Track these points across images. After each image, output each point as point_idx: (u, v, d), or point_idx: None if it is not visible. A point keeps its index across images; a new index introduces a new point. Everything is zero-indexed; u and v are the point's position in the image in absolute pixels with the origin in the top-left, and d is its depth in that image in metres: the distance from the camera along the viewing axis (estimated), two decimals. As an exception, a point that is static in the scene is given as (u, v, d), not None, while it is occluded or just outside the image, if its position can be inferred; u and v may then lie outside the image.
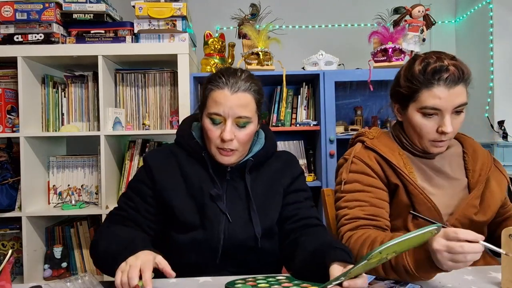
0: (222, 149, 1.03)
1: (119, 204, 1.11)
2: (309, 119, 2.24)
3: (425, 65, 1.03)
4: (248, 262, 1.07)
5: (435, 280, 0.90)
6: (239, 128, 1.03)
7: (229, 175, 1.09)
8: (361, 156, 1.13)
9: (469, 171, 1.14)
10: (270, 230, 1.09)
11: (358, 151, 1.15)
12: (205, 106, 1.05)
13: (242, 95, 1.02)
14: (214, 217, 1.04)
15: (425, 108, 1.03)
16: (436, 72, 1.01)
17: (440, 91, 1.01)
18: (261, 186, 1.10)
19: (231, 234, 1.04)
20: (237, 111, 1.01)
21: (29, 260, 1.96)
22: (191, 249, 1.04)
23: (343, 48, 2.52)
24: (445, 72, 1.01)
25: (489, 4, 2.27)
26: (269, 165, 1.14)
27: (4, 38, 1.95)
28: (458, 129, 1.08)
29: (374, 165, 1.11)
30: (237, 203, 1.08)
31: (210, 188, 1.06)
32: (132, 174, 2.12)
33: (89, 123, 2.13)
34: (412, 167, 1.11)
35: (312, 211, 1.12)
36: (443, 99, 1.01)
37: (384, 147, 1.13)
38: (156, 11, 1.96)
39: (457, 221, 1.09)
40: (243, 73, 1.05)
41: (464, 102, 1.03)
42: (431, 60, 1.03)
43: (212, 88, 1.03)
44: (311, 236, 1.02)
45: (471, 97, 1.10)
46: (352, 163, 1.13)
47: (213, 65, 2.17)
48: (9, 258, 0.75)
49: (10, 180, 1.97)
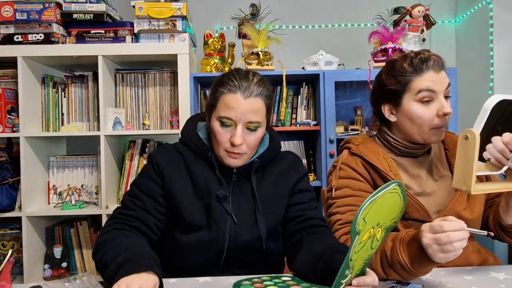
0: (230, 152, 1.02)
1: (125, 203, 1.06)
2: (309, 119, 2.24)
3: (410, 59, 1.09)
4: (252, 263, 1.07)
5: (435, 280, 0.90)
6: (249, 132, 1.02)
7: (235, 176, 1.08)
8: (349, 162, 1.16)
9: (452, 166, 1.15)
10: (274, 231, 1.09)
11: (345, 158, 1.18)
12: (214, 108, 1.03)
13: (254, 100, 1.00)
14: (220, 218, 1.03)
15: (420, 91, 1.07)
16: (423, 60, 1.08)
17: (430, 75, 1.07)
18: (267, 187, 1.10)
19: (236, 235, 1.04)
20: (248, 116, 1.00)
21: (29, 260, 1.96)
22: (195, 250, 1.04)
23: (343, 48, 2.52)
24: (430, 59, 1.08)
25: (489, 4, 2.27)
26: (274, 166, 1.13)
27: (4, 38, 1.95)
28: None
29: (361, 170, 1.14)
30: (243, 204, 1.07)
31: (216, 189, 1.05)
32: (132, 174, 2.12)
33: (89, 123, 2.13)
34: (398, 170, 1.13)
35: (317, 212, 1.12)
36: (435, 81, 1.07)
37: (369, 152, 1.15)
38: (156, 11, 1.96)
39: None
40: (254, 77, 1.04)
41: (449, 83, 1.09)
42: (412, 55, 1.10)
43: (224, 91, 1.01)
44: (316, 237, 1.01)
45: (471, 97, 1.11)
46: (340, 169, 1.16)
47: (213, 65, 2.17)
48: (9, 258, 0.75)
49: (10, 180, 1.97)
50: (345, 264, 0.73)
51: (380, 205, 0.74)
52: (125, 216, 1.03)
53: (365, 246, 0.75)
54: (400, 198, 0.78)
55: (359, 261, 0.75)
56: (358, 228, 0.70)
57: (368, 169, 1.14)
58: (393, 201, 0.77)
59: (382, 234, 0.80)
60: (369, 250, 0.77)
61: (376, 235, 0.77)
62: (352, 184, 1.12)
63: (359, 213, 0.70)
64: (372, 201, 0.71)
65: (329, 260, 0.84)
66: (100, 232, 1.01)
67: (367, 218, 0.72)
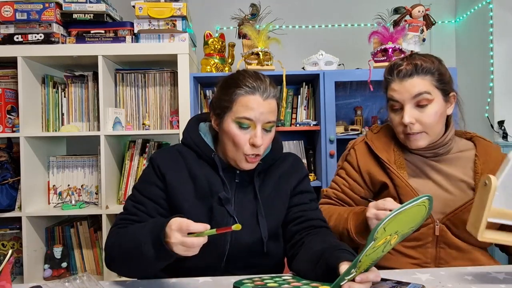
0: (250, 155, 1.01)
1: (127, 208, 1.05)
2: (309, 119, 2.24)
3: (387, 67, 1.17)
4: (253, 265, 1.06)
5: (435, 280, 0.91)
6: (265, 133, 1.02)
7: (238, 178, 1.08)
8: (357, 149, 1.25)
9: (477, 174, 1.14)
10: (275, 233, 1.08)
11: (357, 143, 1.26)
12: (230, 110, 1.01)
13: (272, 101, 1.02)
14: (222, 221, 1.03)
15: (389, 100, 1.15)
16: (390, 70, 1.14)
17: (395, 84, 1.12)
18: (268, 189, 1.09)
19: (238, 238, 1.03)
20: (267, 116, 1.00)
21: (29, 260, 1.96)
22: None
23: (343, 48, 2.52)
24: (396, 68, 1.12)
25: (489, 4, 2.27)
26: (276, 167, 1.13)
27: (4, 38, 1.95)
28: (431, 122, 1.10)
29: (364, 161, 1.22)
30: (245, 207, 1.06)
31: (219, 190, 1.04)
32: (132, 174, 2.12)
33: (89, 123, 2.13)
34: (404, 163, 1.17)
35: (318, 213, 1.12)
36: (398, 91, 1.11)
37: (379, 143, 1.22)
38: (156, 11, 1.96)
39: (449, 221, 1.11)
40: (265, 77, 1.04)
41: (424, 91, 1.09)
42: (390, 63, 1.17)
43: (242, 92, 1.00)
44: (316, 237, 1.01)
45: (471, 97, 1.11)
46: (348, 153, 1.28)
47: (213, 65, 2.17)
48: (9, 258, 0.75)
49: (10, 180, 1.97)
50: (353, 264, 0.73)
51: (404, 216, 0.74)
52: (128, 221, 1.02)
53: (377, 250, 0.74)
54: (425, 210, 0.78)
55: (367, 262, 0.75)
56: (376, 235, 0.70)
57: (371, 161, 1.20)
58: (418, 212, 0.77)
59: (397, 240, 0.80)
60: (379, 253, 0.77)
61: (391, 240, 0.77)
62: (348, 170, 1.24)
63: (381, 223, 0.69)
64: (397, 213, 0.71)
65: (329, 258, 0.84)
66: (107, 240, 1.00)
67: (388, 228, 0.71)
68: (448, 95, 1.14)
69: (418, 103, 1.09)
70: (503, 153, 1.17)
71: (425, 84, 1.09)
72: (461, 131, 1.26)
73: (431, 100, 1.09)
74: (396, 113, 1.14)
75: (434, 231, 1.12)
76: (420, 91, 1.08)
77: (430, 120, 1.10)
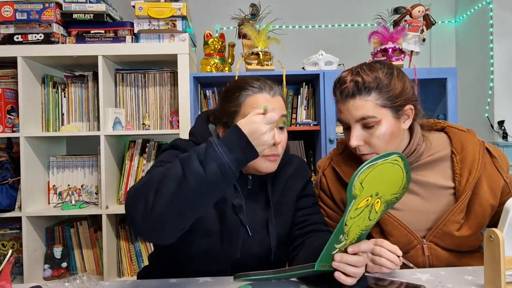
0: (269, 154, 0.97)
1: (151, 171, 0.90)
2: (309, 119, 2.24)
3: None
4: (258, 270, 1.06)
5: (435, 280, 0.91)
6: (280, 131, 1.00)
7: (250, 184, 1.05)
8: (327, 175, 1.17)
9: (456, 175, 1.04)
10: (283, 240, 1.07)
11: (326, 168, 1.19)
12: (238, 114, 0.97)
13: (279, 98, 1.01)
14: (233, 229, 1.00)
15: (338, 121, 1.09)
16: (334, 88, 1.05)
17: (340, 104, 1.04)
18: (277, 195, 1.08)
19: (248, 246, 1.02)
20: (279, 112, 0.98)
21: (29, 260, 1.96)
22: (204, 258, 1.01)
23: (343, 48, 2.52)
24: (339, 87, 1.03)
25: (489, 4, 2.27)
26: (283, 172, 1.10)
27: (4, 38, 1.95)
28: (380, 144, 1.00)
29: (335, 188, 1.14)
30: (257, 214, 1.04)
31: (231, 196, 1.01)
32: (132, 174, 2.12)
33: (89, 123, 2.13)
34: None
35: (320, 217, 1.11)
36: (343, 112, 1.03)
37: (345, 167, 1.13)
38: (156, 11, 1.96)
39: (436, 237, 1.04)
40: (266, 79, 1.04)
41: (367, 115, 0.98)
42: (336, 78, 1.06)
43: (249, 93, 0.98)
44: (316, 238, 1.02)
45: (471, 97, 1.09)
46: (320, 180, 1.19)
47: (213, 65, 2.17)
48: (9, 258, 0.75)
49: (10, 180, 1.97)
50: (339, 228, 0.72)
51: (380, 173, 0.72)
52: None
53: (362, 215, 0.74)
54: (402, 172, 0.77)
55: (355, 229, 0.74)
56: (354, 191, 0.69)
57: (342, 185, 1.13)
58: (395, 173, 0.76)
59: (382, 207, 0.79)
60: (366, 221, 0.76)
61: (375, 206, 0.76)
62: (321, 197, 1.19)
63: (355, 176, 0.68)
64: (370, 166, 0.70)
65: None
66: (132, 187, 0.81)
67: (365, 184, 0.70)
68: (401, 110, 1.01)
69: (364, 124, 1.00)
70: (480, 140, 1.08)
71: (368, 107, 0.98)
72: (430, 121, 1.15)
73: (378, 121, 0.98)
74: (346, 131, 1.06)
75: (423, 251, 1.05)
76: (363, 116, 0.98)
77: (379, 142, 0.99)
